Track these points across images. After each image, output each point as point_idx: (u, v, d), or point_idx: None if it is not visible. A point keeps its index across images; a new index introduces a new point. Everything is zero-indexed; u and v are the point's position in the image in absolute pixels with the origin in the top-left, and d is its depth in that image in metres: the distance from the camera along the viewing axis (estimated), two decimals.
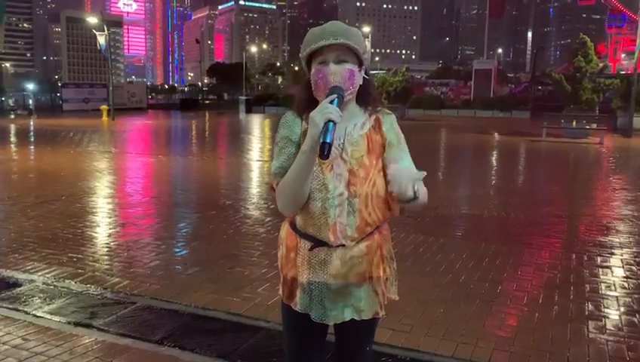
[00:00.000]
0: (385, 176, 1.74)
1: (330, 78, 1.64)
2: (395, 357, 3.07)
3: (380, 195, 1.72)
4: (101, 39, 33.12)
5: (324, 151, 1.50)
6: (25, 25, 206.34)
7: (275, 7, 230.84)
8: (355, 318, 1.78)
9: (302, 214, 1.73)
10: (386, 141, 1.75)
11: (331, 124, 1.53)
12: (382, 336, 3.22)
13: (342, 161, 1.69)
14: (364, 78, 1.73)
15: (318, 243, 1.73)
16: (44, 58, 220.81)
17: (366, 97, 1.77)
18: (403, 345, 3.22)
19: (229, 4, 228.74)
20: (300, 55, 1.73)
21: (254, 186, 9.35)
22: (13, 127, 25.48)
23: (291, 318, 1.84)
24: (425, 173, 1.56)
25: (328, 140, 1.50)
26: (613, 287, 4.26)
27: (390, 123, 1.78)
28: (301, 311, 1.77)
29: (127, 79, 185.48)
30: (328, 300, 1.74)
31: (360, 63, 1.71)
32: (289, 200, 1.69)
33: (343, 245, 1.72)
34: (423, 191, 1.58)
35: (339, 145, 1.70)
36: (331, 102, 1.57)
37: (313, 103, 1.72)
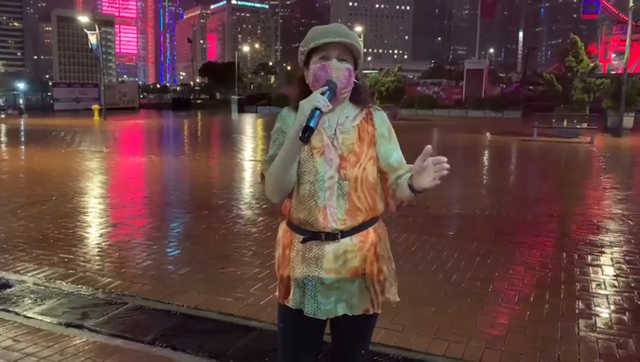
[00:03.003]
0: (377, 165, 1.80)
1: (332, 72, 1.70)
2: (387, 356, 3.07)
3: (369, 180, 1.77)
4: (92, 38, 32.95)
5: (305, 133, 1.56)
6: (15, 24, 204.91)
7: (267, 6, 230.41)
8: (347, 313, 1.80)
9: (293, 201, 1.78)
10: (377, 133, 1.81)
11: (318, 111, 1.58)
12: (374, 336, 3.20)
13: (333, 147, 1.75)
14: (354, 81, 1.79)
15: (310, 234, 1.76)
16: (35, 57, 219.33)
17: (357, 98, 1.83)
18: (395, 344, 3.23)
19: (221, 3, 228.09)
20: (300, 49, 1.78)
21: (247, 186, 9.34)
22: (3, 127, 25.29)
23: (286, 318, 1.85)
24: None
25: (312, 125, 1.56)
26: (603, 286, 4.29)
27: (381, 117, 1.85)
28: (294, 306, 1.79)
29: (119, 79, 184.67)
30: (322, 295, 1.77)
31: (355, 66, 1.78)
32: (274, 184, 1.75)
33: (336, 239, 1.74)
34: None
35: (331, 135, 1.76)
36: (322, 93, 1.63)
37: None
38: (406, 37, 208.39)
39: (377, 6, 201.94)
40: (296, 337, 1.86)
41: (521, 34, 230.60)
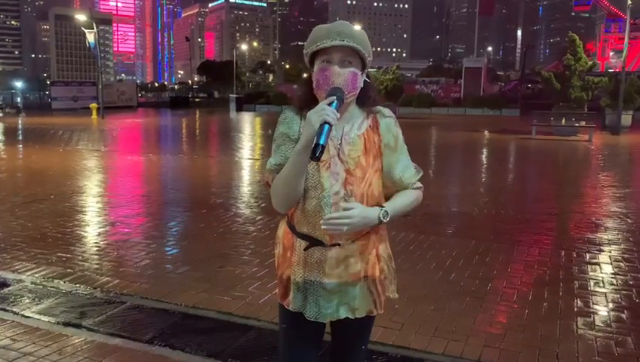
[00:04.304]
0: (380, 175, 1.75)
1: (334, 78, 1.64)
2: (386, 355, 3.07)
3: (375, 195, 1.73)
4: (90, 37, 32.84)
5: (316, 152, 1.50)
6: (13, 22, 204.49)
7: (265, 4, 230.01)
8: (350, 317, 1.78)
9: (298, 212, 1.73)
10: (382, 143, 1.75)
11: (327, 126, 1.53)
12: (373, 334, 3.19)
13: (339, 160, 1.69)
14: (365, 80, 1.73)
15: (312, 242, 1.73)
16: (33, 56, 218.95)
17: (366, 99, 1.76)
18: (394, 342, 3.22)
19: (219, 1, 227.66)
20: (304, 51, 1.72)
21: (245, 185, 9.33)
22: (1, 126, 25.22)
23: (288, 317, 1.83)
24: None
25: (322, 142, 1.50)
26: (601, 284, 4.29)
27: (387, 124, 1.77)
28: (295, 309, 1.77)
29: (117, 77, 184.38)
30: (323, 299, 1.75)
31: (363, 66, 1.71)
32: (282, 198, 1.70)
33: (338, 244, 1.72)
34: (398, 208, 1.75)
35: (336, 145, 1.70)
36: (330, 103, 1.57)
37: (313, 101, 1.71)
38: (404, 35, 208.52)
39: (376, 4, 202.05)
40: (299, 337, 1.84)
41: (519, 32, 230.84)
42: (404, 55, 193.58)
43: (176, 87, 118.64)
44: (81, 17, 43.26)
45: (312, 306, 1.75)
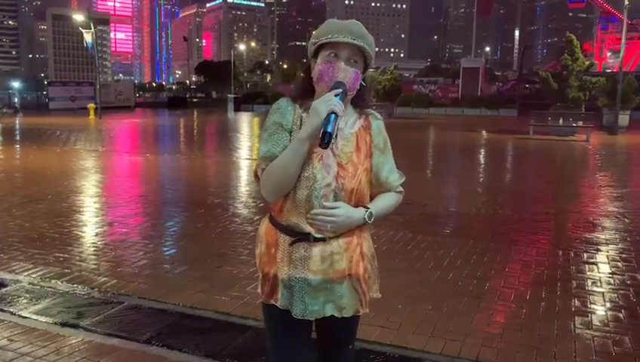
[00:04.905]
0: (369, 175, 1.80)
1: (338, 73, 1.67)
2: (383, 355, 3.07)
3: (363, 193, 1.77)
4: (87, 37, 32.82)
5: (324, 139, 1.55)
6: (10, 22, 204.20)
7: (263, 5, 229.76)
8: (336, 315, 1.78)
9: (288, 202, 1.74)
10: (373, 143, 1.80)
11: (333, 115, 1.57)
12: (370, 334, 3.23)
13: (332, 153, 1.72)
14: (361, 83, 1.76)
15: (298, 236, 1.74)
16: (30, 56, 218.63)
17: (360, 101, 1.81)
18: (391, 342, 3.22)
19: (217, 1, 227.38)
20: (312, 40, 1.75)
21: (243, 185, 9.32)
22: None
23: (274, 317, 1.84)
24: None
25: (330, 130, 1.55)
26: (599, 283, 4.30)
27: (378, 126, 1.83)
28: (282, 307, 1.78)
29: (115, 77, 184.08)
30: (309, 296, 1.75)
31: (364, 69, 1.75)
32: (275, 186, 1.72)
33: (323, 239, 1.73)
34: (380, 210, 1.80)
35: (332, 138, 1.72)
36: (335, 95, 1.61)
37: (310, 93, 1.76)
38: (402, 35, 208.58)
39: (373, 4, 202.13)
40: (288, 336, 1.84)
41: (517, 32, 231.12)
42: (401, 55, 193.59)
43: (174, 87, 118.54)
44: (78, 17, 43.28)
45: (299, 303, 1.75)
